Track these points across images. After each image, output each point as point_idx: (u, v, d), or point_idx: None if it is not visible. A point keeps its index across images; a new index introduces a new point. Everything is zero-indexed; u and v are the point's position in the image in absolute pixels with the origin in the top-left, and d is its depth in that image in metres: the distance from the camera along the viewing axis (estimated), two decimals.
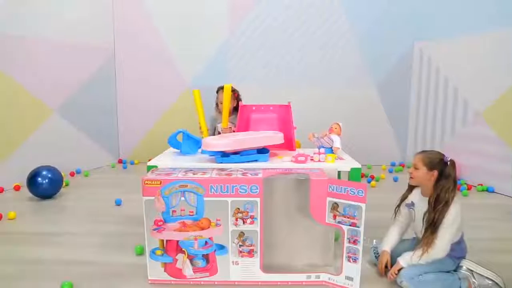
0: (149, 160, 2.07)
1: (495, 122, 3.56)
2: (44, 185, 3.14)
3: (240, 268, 1.82)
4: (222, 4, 4.52)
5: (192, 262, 1.81)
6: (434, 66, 4.26)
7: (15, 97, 3.52)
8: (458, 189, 3.46)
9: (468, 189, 3.58)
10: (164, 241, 1.79)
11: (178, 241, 1.78)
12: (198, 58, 4.61)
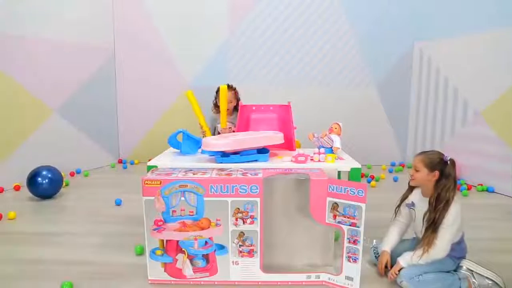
0: (149, 160, 2.07)
1: (495, 122, 3.56)
2: (44, 185, 3.13)
3: (240, 268, 1.82)
4: (222, 4, 4.51)
5: (192, 262, 1.81)
6: (434, 66, 4.25)
7: (15, 97, 3.52)
8: (458, 189, 3.47)
9: (468, 189, 3.58)
10: (164, 241, 1.79)
11: (178, 241, 1.78)
12: (198, 58, 4.60)
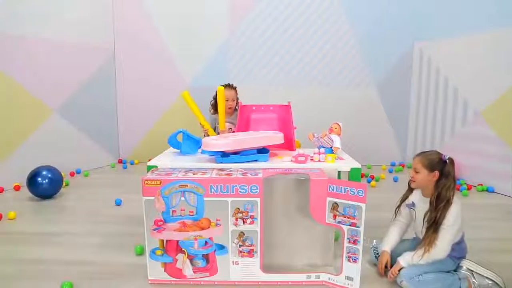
0: (149, 160, 2.07)
1: (495, 122, 3.56)
2: (44, 185, 3.13)
3: (240, 268, 1.82)
4: (222, 4, 4.51)
5: (192, 262, 1.81)
6: (434, 66, 4.25)
7: (15, 97, 3.52)
8: (458, 189, 3.48)
9: (468, 189, 3.58)
10: (164, 241, 1.79)
11: (178, 241, 1.78)
12: (198, 58, 4.60)
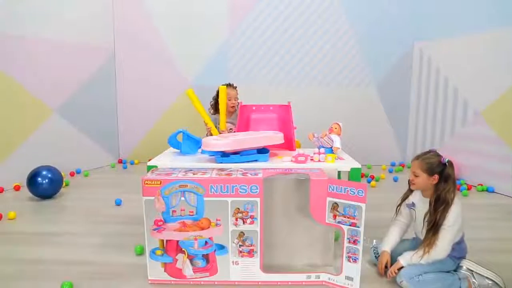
0: (149, 160, 2.07)
1: (495, 122, 3.56)
2: (44, 185, 3.13)
3: (240, 268, 1.82)
4: (222, 4, 4.51)
5: (192, 262, 1.81)
6: (434, 66, 4.25)
7: (15, 97, 3.52)
8: (458, 189, 3.48)
9: (468, 189, 3.58)
10: (164, 241, 1.79)
11: (178, 241, 1.78)
12: (198, 58, 4.60)
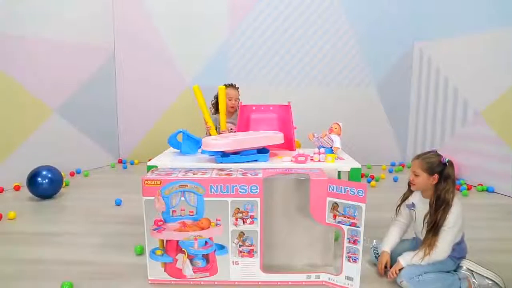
0: (149, 160, 2.07)
1: (495, 122, 3.56)
2: (44, 185, 3.13)
3: (240, 268, 1.82)
4: (222, 4, 4.52)
5: (192, 262, 1.81)
6: (434, 66, 4.25)
7: (15, 97, 3.52)
8: (458, 189, 3.48)
9: (468, 189, 3.58)
10: (164, 241, 1.79)
11: (178, 241, 1.78)
12: (198, 58, 4.61)
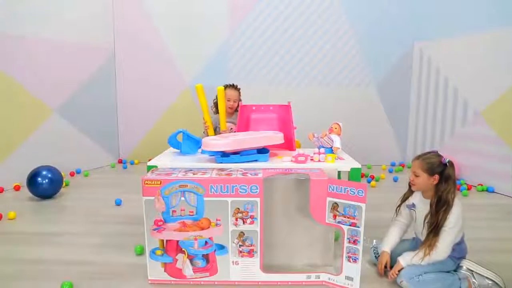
0: (149, 160, 2.07)
1: (495, 122, 3.56)
2: (44, 185, 3.13)
3: (240, 268, 1.82)
4: (222, 4, 4.52)
5: (192, 262, 1.81)
6: (434, 66, 4.25)
7: (15, 97, 3.52)
8: (458, 189, 3.48)
9: (468, 189, 3.58)
10: (164, 241, 1.79)
11: (178, 241, 1.78)
12: (198, 58, 4.61)
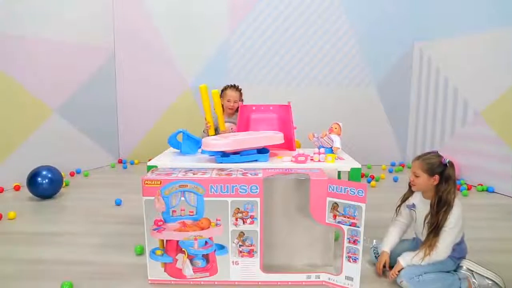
0: (149, 160, 2.07)
1: (495, 122, 3.56)
2: (44, 185, 3.13)
3: (240, 268, 1.82)
4: (222, 4, 4.52)
5: (192, 262, 1.81)
6: (434, 66, 4.25)
7: (15, 97, 3.52)
8: (458, 189, 3.48)
9: (468, 189, 3.58)
10: (164, 241, 1.79)
11: (178, 241, 1.78)
12: (198, 58, 4.61)
